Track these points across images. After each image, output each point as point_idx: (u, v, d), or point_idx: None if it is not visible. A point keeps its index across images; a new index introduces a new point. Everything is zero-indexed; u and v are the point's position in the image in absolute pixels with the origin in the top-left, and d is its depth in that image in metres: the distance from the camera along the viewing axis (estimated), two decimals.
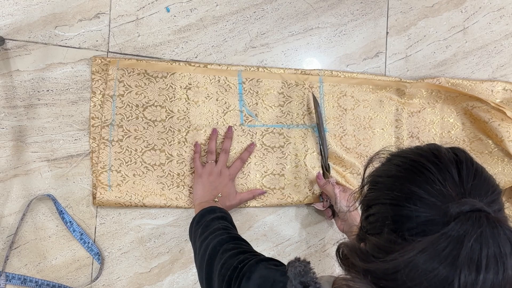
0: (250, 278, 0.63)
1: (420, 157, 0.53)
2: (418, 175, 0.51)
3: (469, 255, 0.43)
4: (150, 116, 0.99)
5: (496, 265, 0.43)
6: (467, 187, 0.50)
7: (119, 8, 0.99)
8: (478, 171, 0.52)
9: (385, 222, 0.51)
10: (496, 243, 0.44)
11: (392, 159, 0.57)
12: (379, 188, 0.55)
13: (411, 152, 0.56)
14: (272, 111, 1.03)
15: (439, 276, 0.44)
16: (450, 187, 0.49)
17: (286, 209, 1.05)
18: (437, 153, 0.53)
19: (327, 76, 1.05)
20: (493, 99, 1.09)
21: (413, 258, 0.45)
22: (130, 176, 0.98)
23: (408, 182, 0.51)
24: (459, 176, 0.50)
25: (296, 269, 0.57)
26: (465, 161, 0.52)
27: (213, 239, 0.77)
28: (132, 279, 1.00)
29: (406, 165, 0.54)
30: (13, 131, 0.96)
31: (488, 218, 0.45)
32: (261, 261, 0.66)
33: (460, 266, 0.43)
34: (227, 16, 1.03)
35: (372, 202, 0.55)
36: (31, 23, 0.96)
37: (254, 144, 1.03)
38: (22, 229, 0.96)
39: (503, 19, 1.14)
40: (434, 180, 0.50)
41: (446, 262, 0.43)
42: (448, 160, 0.52)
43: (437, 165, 0.51)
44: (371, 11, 1.08)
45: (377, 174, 0.58)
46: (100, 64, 0.97)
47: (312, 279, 0.55)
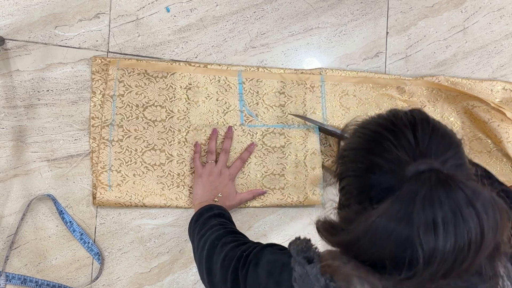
0: (257, 264, 0.62)
1: (379, 127, 0.55)
2: (376, 145, 0.53)
3: (423, 215, 0.43)
4: (150, 116, 0.99)
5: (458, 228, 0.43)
6: (423, 148, 0.51)
7: (119, 8, 0.99)
8: (434, 130, 0.53)
9: (352, 195, 0.54)
10: (452, 201, 0.44)
11: (357, 131, 0.59)
12: (345, 162, 0.57)
13: (372, 122, 0.57)
14: (273, 111, 1.03)
15: (399, 238, 0.44)
16: (406, 151, 0.50)
17: (286, 209, 1.06)
18: (394, 119, 0.55)
19: (329, 75, 1.05)
20: (492, 99, 1.09)
21: (371, 224, 0.46)
22: (130, 176, 0.98)
23: (368, 153, 0.53)
24: (415, 139, 0.51)
25: (298, 246, 0.58)
26: (420, 122, 0.53)
27: (211, 234, 0.77)
28: (132, 279, 1.00)
29: (366, 136, 0.55)
30: (13, 131, 0.96)
31: (439, 176, 0.46)
32: (266, 247, 0.66)
33: (417, 227, 0.43)
34: (227, 16, 1.03)
35: (341, 176, 0.58)
36: (31, 23, 0.96)
37: (254, 144, 1.03)
38: (22, 229, 0.96)
39: (503, 19, 1.14)
40: (391, 147, 0.51)
41: (402, 223, 0.44)
42: (403, 125, 0.53)
43: (393, 132, 0.52)
44: (371, 11, 1.08)
45: (343, 148, 0.59)
46: (100, 64, 0.97)
47: (316, 253, 0.56)
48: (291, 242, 0.60)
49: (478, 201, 0.44)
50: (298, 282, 0.54)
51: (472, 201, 0.44)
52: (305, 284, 0.53)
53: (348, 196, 0.55)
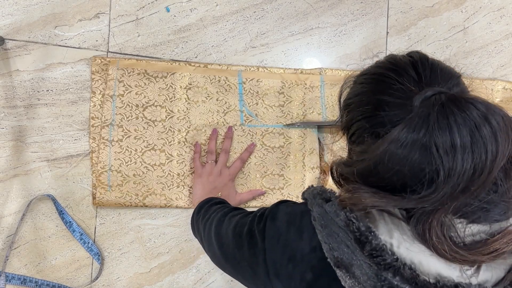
0: (275, 218, 0.62)
1: (379, 69, 0.57)
2: (381, 84, 0.55)
3: (439, 132, 0.45)
4: (150, 116, 0.99)
5: (477, 147, 0.44)
6: (426, 80, 0.52)
7: (119, 8, 0.98)
8: (434, 65, 0.55)
9: (363, 135, 0.55)
10: (467, 117, 0.45)
11: (357, 80, 0.61)
12: (351, 109, 0.58)
13: (371, 68, 0.59)
14: (273, 111, 1.03)
15: (417, 158, 0.46)
16: (411, 84, 0.52)
17: None
18: (393, 60, 0.57)
19: (328, 75, 1.05)
20: (493, 98, 1.09)
21: (387, 148, 0.47)
22: (130, 176, 0.98)
23: (373, 94, 0.55)
24: (417, 74, 0.53)
25: (313, 191, 0.58)
26: (419, 59, 0.55)
27: (216, 214, 0.77)
28: (132, 279, 1.00)
29: (369, 80, 0.57)
30: (13, 131, 0.96)
31: (449, 96, 0.47)
32: (281, 203, 0.66)
33: (434, 143, 0.45)
34: (227, 16, 1.03)
35: (350, 123, 0.58)
36: (31, 23, 0.96)
37: (254, 144, 1.03)
38: (22, 229, 0.96)
39: (503, 19, 1.13)
40: (395, 83, 0.52)
41: (416, 145, 0.46)
42: (404, 63, 0.55)
43: (395, 70, 0.54)
44: (371, 11, 1.08)
45: (347, 98, 0.61)
46: (100, 64, 0.97)
47: (332, 193, 0.57)
48: (305, 191, 0.61)
49: (493, 115, 0.45)
50: (317, 220, 0.54)
51: (487, 116, 0.45)
52: (324, 221, 0.54)
53: (360, 139, 0.56)
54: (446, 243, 0.47)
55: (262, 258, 0.60)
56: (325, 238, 0.53)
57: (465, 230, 0.49)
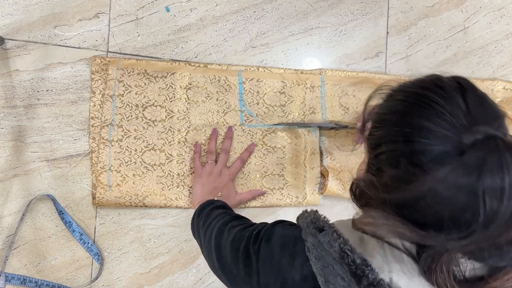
0: (270, 239, 0.62)
1: (425, 90, 0.52)
2: (426, 108, 0.50)
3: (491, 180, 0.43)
4: (150, 116, 0.99)
5: None
6: (475, 114, 0.49)
7: (119, 8, 0.98)
8: (482, 98, 0.52)
9: (399, 158, 0.51)
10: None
11: (395, 94, 0.57)
12: (386, 125, 0.55)
13: (414, 86, 0.55)
14: (273, 111, 1.03)
15: (459, 202, 0.44)
16: (459, 116, 0.49)
17: (286, 209, 1.05)
18: (440, 83, 0.53)
19: (329, 75, 1.04)
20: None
21: (433, 186, 0.45)
22: (130, 176, 0.98)
23: (416, 117, 0.50)
24: (466, 104, 0.50)
25: (307, 218, 0.57)
26: (469, 88, 0.52)
27: (217, 222, 0.76)
28: (132, 279, 0.99)
29: (412, 100, 0.53)
30: (12, 131, 0.95)
31: (504, 142, 0.45)
32: (277, 224, 0.65)
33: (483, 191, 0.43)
34: (227, 16, 1.02)
35: (381, 140, 0.55)
36: (31, 23, 0.96)
37: (254, 144, 1.02)
38: (21, 229, 0.96)
39: (503, 18, 1.13)
40: (443, 112, 0.49)
41: (464, 190, 0.44)
42: (452, 89, 0.51)
43: (443, 96, 0.51)
44: (371, 10, 1.08)
45: (382, 111, 0.57)
46: (100, 64, 0.97)
47: (325, 222, 0.55)
48: (299, 216, 0.59)
49: None
50: (312, 251, 0.53)
51: None
52: (319, 252, 0.52)
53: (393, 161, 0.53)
54: (449, 279, 0.46)
55: (256, 280, 0.60)
56: (320, 271, 0.52)
57: (467, 265, 0.48)
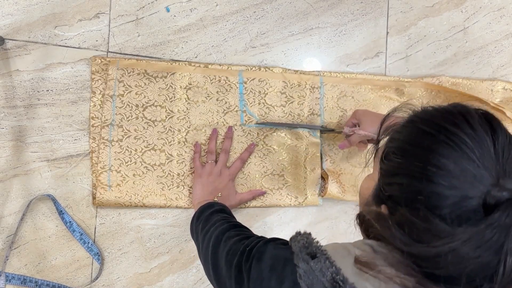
0: (261, 259, 0.62)
1: (454, 127, 0.50)
2: (454, 150, 0.48)
3: None
4: (150, 116, 0.99)
5: None
6: (503, 163, 0.47)
7: (119, 8, 0.98)
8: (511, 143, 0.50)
9: (417, 197, 0.49)
10: None
11: (418, 122, 0.54)
12: (408, 157, 0.52)
13: (442, 118, 0.52)
14: (274, 111, 1.03)
15: (483, 261, 0.44)
16: (487, 164, 0.47)
17: (286, 209, 1.05)
18: (472, 121, 0.50)
19: (327, 77, 1.05)
20: (493, 99, 1.09)
21: (456, 247, 0.44)
22: (130, 176, 0.98)
23: (443, 157, 0.48)
24: (495, 151, 0.48)
25: (300, 242, 0.56)
26: (500, 131, 0.50)
27: (215, 230, 0.76)
28: (132, 279, 0.99)
29: (440, 136, 0.50)
30: (12, 131, 0.96)
31: None
32: (269, 242, 0.65)
33: (506, 253, 0.43)
34: (227, 16, 1.02)
35: (400, 171, 0.53)
36: (31, 23, 0.96)
37: (255, 144, 1.03)
38: (21, 229, 0.96)
39: (503, 19, 1.13)
40: (471, 156, 0.47)
41: (491, 250, 0.44)
42: (483, 130, 0.49)
43: (473, 138, 0.48)
44: (371, 11, 1.08)
45: (403, 139, 0.54)
46: (100, 64, 0.97)
47: (318, 248, 0.55)
48: (292, 238, 0.59)
49: None
50: (303, 278, 0.53)
51: None
52: (310, 279, 0.52)
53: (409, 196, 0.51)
54: None
55: None
56: None
57: None
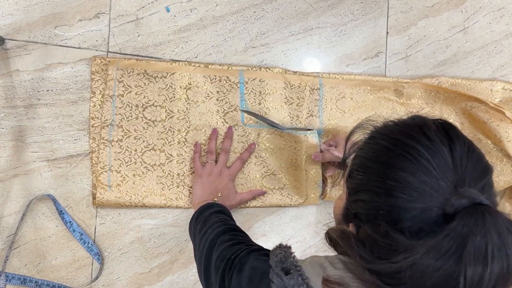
0: (241, 270, 0.62)
1: (411, 140, 0.50)
2: (411, 162, 0.49)
3: (474, 253, 0.43)
4: (150, 116, 0.99)
5: (501, 258, 0.43)
6: (462, 172, 0.48)
7: (119, 8, 0.98)
8: (470, 151, 0.50)
9: (379, 212, 0.50)
10: (497, 234, 0.43)
11: (379, 138, 0.55)
12: (369, 173, 0.53)
13: (400, 132, 0.53)
14: (275, 112, 1.03)
15: (444, 273, 0.43)
16: (445, 174, 0.48)
17: (286, 209, 1.06)
18: (428, 132, 0.51)
19: (326, 78, 1.04)
20: (492, 99, 1.09)
21: (416, 261, 0.44)
22: (130, 176, 0.98)
23: (401, 170, 0.49)
24: (453, 160, 0.48)
25: (277, 256, 0.56)
26: (457, 140, 0.50)
27: (211, 232, 0.77)
28: (132, 279, 1.00)
29: (397, 150, 0.51)
30: (13, 131, 0.96)
31: (490, 212, 0.44)
32: (252, 252, 0.65)
33: (466, 262, 0.43)
34: (227, 16, 1.02)
35: (362, 187, 0.53)
36: (31, 23, 0.96)
37: (255, 144, 1.03)
38: (22, 229, 0.96)
39: (503, 19, 1.13)
40: (429, 168, 0.48)
41: (450, 260, 0.43)
42: (440, 141, 0.50)
43: (430, 149, 0.49)
44: (371, 11, 1.08)
45: (365, 156, 0.55)
46: (100, 64, 0.97)
47: (293, 264, 0.55)
48: (272, 250, 0.59)
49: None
50: None
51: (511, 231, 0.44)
52: None
53: (372, 213, 0.51)
54: None
55: None
56: None
57: None
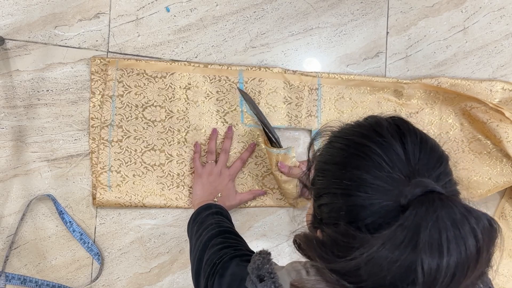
0: (222, 275, 0.63)
1: (363, 138, 0.51)
2: (365, 160, 0.49)
3: (428, 242, 0.42)
4: (149, 116, 0.99)
5: (458, 246, 0.42)
6: (415, 163, 0.48)
7: (119, 8, 0.98)
8: (423, 142, 0.51)
9: (339, 213, 0.50)
10: (454, 224, 0.43)
11: (334, 141, 0.55)
12: (327, 176, 0.53)
13: (352, 132, 0.54)
14: (274, 112, 1.03)
15: (401, 266, 0.43)
16: (398, 167, 0.48)
17: (286, 209, 1.06)
18: (380, 129, 0.51)
19: (325, 78, 1.04)
20: (492, 99, 1.09)
21: (373, 254, 0.43)
22: (130, 177, 0.98)
23: (355, 169, 0.49)
24: (405, 153, 0.49)
25: (255, 263, 0.56)
26: (408, 133, 0.51)
27: (205, 235, 0.77)
28: (132, 279, 1.00)
29: (351, 149, 0.52)
30: (13, 131, 0.96)
31: (442, 199, 0.44)
32: (235, 258, 0.65)
33: (421, 253, 0.42)
34: (227, 16, 1.02)
35: (323, 191, 0.54)
36: (31, 23, 0.96)
37: (255, 144, 1.02)
38: (22, 229, 0.96)
39: (503, 19, 1.13)
40: (381, 163, 0.48)
41: (407, 251, 0.42)
42: (391, 136, 0.50)
43: (382, 145, 0.50)
44: (371, 11, 1.08)
45: (322, 160, 0.55)
46: (99, 65, 0.97)
47: (267, 271, 0.55)
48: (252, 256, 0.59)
49: (472, 218, 0.44)
50: None
51: (467, 218, 0.43)
52: None
53: (333, 215, 0.51)
54: None
55: None
56: None
57: None
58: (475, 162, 1.08)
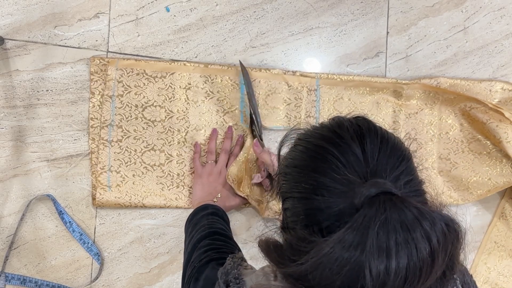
0: (198, 279, 0.62)
1: (322, 140, 0.50)
2: (322, 162, 0.48)
3: (376, 244, 0.41)
4: (149, 116, 0.99)
5: (408, 249, 0.41)
6: (372, 164, 0.47)
7: (119, 8, 0.98)
8: (383, 142, 0.49)
9: (299, 217, 0.49)
10: (404, 226, 0.41)
11: (297, 144, 0.55)
12: (289, 180, 0.53)
13: (314, 135, 0.53)
14: (273, 112, 1.03)
15: (351, 269, 0.41)
16: (355, 169, 0.47)
17: None
18: (339, 131, 0.50)
19: (324, 79, 1.04)
20: (491, 99, 1.09)
21: (322, 258, 0.42)
22: (129, 177, 0.98)
23: (313, 172, 0.49)
24: (363, 153, 0.48)
25: (225, 268, 0.56)
26: (368, 133, 0.50)
27: (196, 236, 0.77)
28: (132, 280, 1.00)
29: (310, 152, 0.51)
30: (12, 131, 0.96)
31: (392, 200, 0.43)
32: (211, 261, 0.65)
33: (369, 256, 0.41)
34: (227, 16, 1.02)
35: (285, 195, 0.53)
36: (31, 23, 0.96)
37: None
38: (21, 229, 0.96)
39: (503, 18, 1.13)
40: (338, 165, 0.47)
41: (356, 254, 0.41)
42: (350, 137, 0.49)
43: (340, 147, 0.48)
44: (371, 10, 1.08)
45: (285, 164, 0.55)
46: (99, 65, 0.97)
47: (234, 276, 0.54)
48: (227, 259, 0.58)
49: (425, 221, 0.42)
50: None
51: (420, 221, 0.42)
52: None
53: (294, 219, 0.51)
54: None
55: None
56: None
57: None
58: (475, 162, 1.07)
